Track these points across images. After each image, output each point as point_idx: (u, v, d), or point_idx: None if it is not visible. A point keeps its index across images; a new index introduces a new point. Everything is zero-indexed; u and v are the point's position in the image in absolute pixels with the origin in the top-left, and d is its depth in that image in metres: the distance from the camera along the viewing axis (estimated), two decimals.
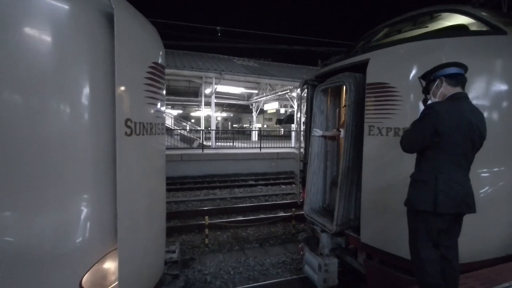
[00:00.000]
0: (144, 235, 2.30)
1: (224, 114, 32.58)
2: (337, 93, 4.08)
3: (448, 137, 1.82)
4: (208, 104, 16.29)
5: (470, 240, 2.32)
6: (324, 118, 4.06)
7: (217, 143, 15.44)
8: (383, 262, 2.86)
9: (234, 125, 36.38)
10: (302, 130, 4.94)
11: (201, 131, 15.43)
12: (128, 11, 2.10)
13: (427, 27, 3.49)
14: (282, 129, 26.24)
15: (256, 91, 19.25)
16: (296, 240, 5.27)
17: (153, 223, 2.48)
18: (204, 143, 14.06)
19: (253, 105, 21.71)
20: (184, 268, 4.03)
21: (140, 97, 2.17)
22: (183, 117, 24.30)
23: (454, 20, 3.29)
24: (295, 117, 17.49)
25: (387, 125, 2.74)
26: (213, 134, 15.32)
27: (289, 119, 20.59)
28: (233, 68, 15.34)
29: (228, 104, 25.17)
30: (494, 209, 2.56)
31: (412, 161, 2.06)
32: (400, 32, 3.76)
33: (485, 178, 2.57)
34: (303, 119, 5.11)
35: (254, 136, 20.28)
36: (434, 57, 2.42)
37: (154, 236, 2.51)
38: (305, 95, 4.51)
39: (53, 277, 1.76)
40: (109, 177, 1.92)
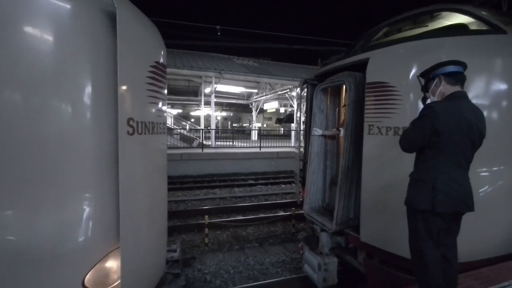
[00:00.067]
0: (146, 234, 2.30)
1: (224, 114, 32.56)
2: (337, 92, 4.08)
3: (447, 137, 1.82)
4: (208, 104, 16.28)
5: (469, 239, 2.32)
6: (324, 117, 4.06)
7: (217, 143, 15.43)
8: (383, 261, 2.87)
9: (234, 125, 36.32)
10: (302, 130, 4.93)
11: (201, 131, 15.44)
12: (131, 10, 2.10)
13: (427, 26, 3.49)
14: (282, 129, 26.22)
15: (256, 91, 19.24)
16: (296, 239, 5.27)
17: (155, 222, 2.48)
18: (204, 143, 14.06)
19: (253, 105, 21.71)
20: (185, 267, 4.04)
21: (142, 96, 2.17)
22: (183, 117, 24.27)
23: (454, 19, 3.29)
24: (295, 117, 17.48)
25: (387, 124, 2.74)
26: (213, 134, 15.31)
27: (289, 119, 20.57)
28: (233, 68, 15.32)
29: (228, 104, 25.14)
30: (494, 208, 2.57)
31: (412, 160, 2.06)
32: (400, 31, 3.76)
33: (485, 178, 2.57)
34: (303, 119, 5.11)
35: (254, 136, 20.28)
36: (434, 56, 2.42)
37: (156, 235, 2.51)
38: (305, 94, 4.51)
39: (56, 276, 1.77)
40: (112, 176, 1.92)
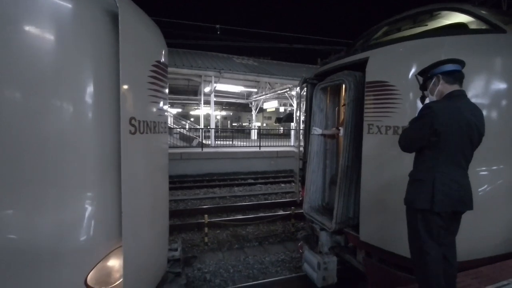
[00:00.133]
0: (148, 233, 2.31)
1: (224, 113, 32.55)
2: (337, 92, 4.08)
3: (446, 137, 1.81)
4: (208, 103, 16.26)
5: (469, 238, 2.33)
6: (324, 117, 4.06)
7: (217, 142, 15.44)
8: (382, 260, 2.87)
9: (234, 124, 36.29)
10: (302, 129, 4.93)
11: (201, 130, 15.43)
12: (133, 10, 2.10)
13: (427, 26, 3.49)
14: (282, 128, 26.21)
15: (256, 90, 19.22)
16: (296, 239, 5.27)
17: (157, 221, 2.48)
18: (204, 142, 14.06)
19: (253, 104, 21.70)
20: (186, 266, 4.04)
21: (144, 96, 2.17)
22: (183, 116, 24.24)
23: (454, 19, 3.29)
24: (295, 116, 17.47)
25: (386, 124, 2.74)
26: (213, 133, 15.31)
27: (289, 118, 20.53)
28: (233, 67, 15.29)
29: (228, 103, 25.14)
30: (493, 207, 2.57)
31: (411, 160, 2.07)
32: (400, 31, 3.75)
33: (484, 177, 2.57)
34: (303, 118, 5.10)
35: (254, 135, 20.28)
36: (434, 56, 2.42)
37: (158, 234, 2.52)
38: (305, 94, 4.51)
39: (59, 275, 1.77)
40: (114, 176, 1.92)
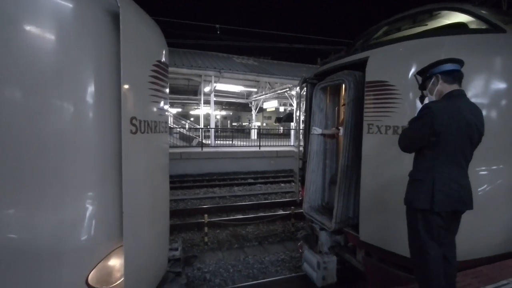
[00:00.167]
0: (149, 233, 2.31)
1: (224, 113, 32.54)
2: (337, 91, 4.08)
3: (446, 137, 1.81)
4: (207, 103, 16.25)
5: (469, 238, 2.32)
6: (323, 116, 4.06)
7: (216, 142, 15.44)
8: (382, 260, 2.88)
9: (234, 124, 36.28)
10: (301, 129, 4.93)
11: (200, 130, 15.43)
12: (134, 9, 2.10)
13: (427, 25, 3.49)
14: (282, 128, 26.21)
15: (256, 90, 19.21)
16: (295, 238, 5.28)
17: (158, 221, 2.49)
18: (204, 142, 14.06)
19: (253, 104, 21.70)
20: (187, 266, 4.04)
21: (145, 95, 2.17)
22: (182, 116, 24.23)
23: (454, 18, 3.29)
24: (294, 116, 17.47)
25: (386, 123, 2.74)
26: (212, 133, 15.30)
27: (288, 118, 20.53)
28: (233, 67, 15.29)
29: (228, 103, 25.13)
30: (493, 207, 2.57)
31: (411, 159, 2.06)
32: (400, 30, 3.76)
33: (484, 176, 2.57)
34: (302, 118, 5.10)
35: (254, 135, 20.28)
36: (434, 55, 2.41)
37: (158, 234, 2.52)
38: (304, 93, 4.51)
39: (60, 274, 1.78)
40: (115, 175, 1.92)
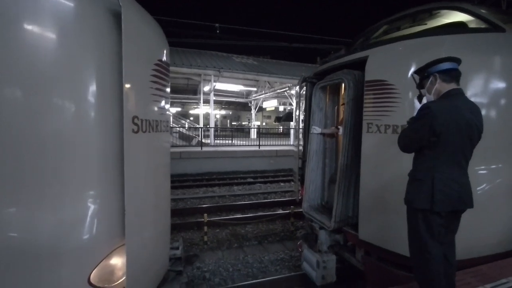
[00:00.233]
0: (151, 232, 2.32)
1: (223, 112, 32.52)
2: (336, 91, 4.08)
3: (445, 137, 1.81)
4: (207, 102, 16.23)
5: (468, 237, 2.33)
6: (323, 116, 4.06)
7: (216, 141, 15.43)
8: (381, 259, 2.88)
9: (233, 123, 36.28)
10: (301, 128, 4.93)
11: (200, 129, 15.42)
12: (135, 9, 2.10)
13: (426, 24, 3.48)
14: (281, 127, 26.22)
15: (255, 89, 19.19)
16: (295, 237, 5.28)
17: (159, 220, 2.49)
18: (203, 141, 14.05)
19: (252, 103, 21.69)
20: (188, 265, 4.05)
21: (147, 95, 2.17)
22: (182, 115, 24.22)
23: (453, 18, 3.29)
24: (294, 115, 17.48)
25: (386, 123, 2.74)
26: (212, 132, 15.29)
27: (288, 117, 20.56)
28: (232, 66, 15.27)
29: (227, 102, 25.11)
30: (492, 206, 2.57)
31: (410, 158, 2.06)
32: (399, 30, 3.75)
33: (483, 176, 2.58)
34: (302, 117, 5.11)
35: (253, 134, 20.27)
36: (433, 55, 2.41)
37: (160, 233, 2.53)
38: (304, 93, 4.51)
39: (62, 273, 1.78)
40: (117, 174, 1.93)
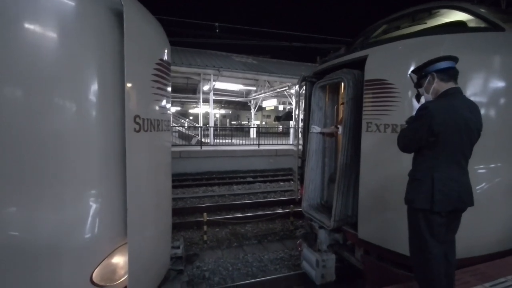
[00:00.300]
0: (152, 230, 2.32)
1: (223, 111, 32.54)
2: (336, 90, 4.08)
3: (444, 136, 1.81)
4: (207, 101, 16.21)
5: (467, 236, 2.33)
6: (322, 115, 4.06)
7: (216, 140, 15.43)
8: (381, 258, 2.88)
9: (233, 122, 36.28)
10: (301, 127, 4.93)
11: (200, 128, 15.40)
12: (137, 8, 2.10)
13: (426, 24, 3.48)
14: (281, 126, 26.23)
15: (255, 88, 19.19)
16: (294, 237, 5.29)
17: (160, 219, 2.50)
18: (203, 140, 14.04)
19: (252, 102, 21.68)
20: (188, 264, 4.05)
21: (148, 94, 2.17)
22: (181, 114, 24.19)
23: (453, 17, 3.29)
24: (294, 114, 17.49)
25: (385, 122, 2.74)
26: (212, 131, 15.29)
27: (288, 116, 20.59)
28: (232, 65, 15.25)
29: (227, 101, 25.10)
30: (491, 205, 2.58)
31: (410, 158, 2.06)
32: (399, 29, 3.75)
33: (482, 174, 2.58)
34: (302, 116, 5.11)
35: (253, 133, 20.27)
36: (433, 54, 2.40)
37: (161, 232, 2.53)
38: (304, 92, 4.51)
39: (65, 272, 1.79)
40: (118, 173, 1.93)
